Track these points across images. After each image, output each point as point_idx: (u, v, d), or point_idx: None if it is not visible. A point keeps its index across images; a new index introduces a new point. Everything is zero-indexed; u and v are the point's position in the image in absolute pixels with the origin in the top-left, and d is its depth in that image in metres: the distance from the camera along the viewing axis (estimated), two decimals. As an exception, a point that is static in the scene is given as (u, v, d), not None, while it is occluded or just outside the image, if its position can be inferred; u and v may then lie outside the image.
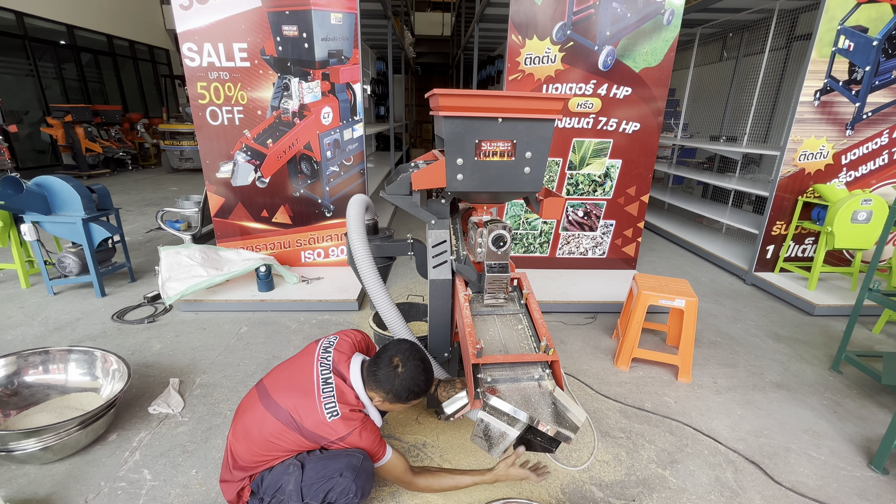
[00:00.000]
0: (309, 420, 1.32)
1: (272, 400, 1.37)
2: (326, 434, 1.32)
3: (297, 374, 1.42)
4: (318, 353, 1.46)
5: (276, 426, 1.32)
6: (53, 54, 9.03)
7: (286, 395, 1.36)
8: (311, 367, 1.41)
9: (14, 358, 1.89)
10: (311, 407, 1.33)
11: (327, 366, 1.41)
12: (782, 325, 3.02)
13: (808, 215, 3.48)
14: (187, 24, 2.90)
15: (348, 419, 1.32)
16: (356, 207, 1.76)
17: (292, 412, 1.32)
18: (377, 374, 1.37)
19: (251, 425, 1.36)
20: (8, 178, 2.86)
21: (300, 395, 1.35)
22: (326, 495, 1.28)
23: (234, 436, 1.39)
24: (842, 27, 3.04)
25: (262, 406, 1.37)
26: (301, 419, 1.32)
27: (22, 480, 1.63)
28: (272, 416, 1.34)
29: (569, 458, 1.81)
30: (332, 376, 1.38)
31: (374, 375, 1.37)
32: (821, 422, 2.07)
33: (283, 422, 1.32)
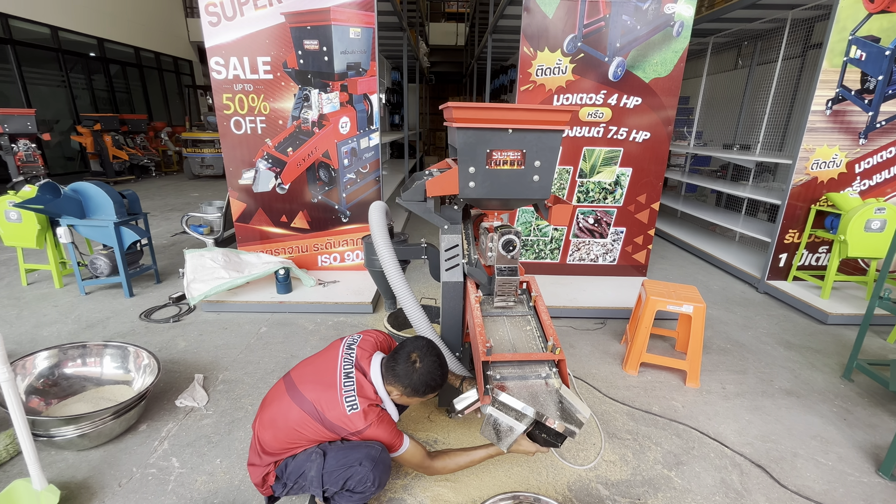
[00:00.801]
0: (330, 412, 1.40)
1: (298, 391, 1.46)
2: (345, 426, 1.40)
3: (322, 368, 1.51)
4: (343, 349, 1.55)
5: (300, 416, 1.41)
6: (84, 66, 9.46)
7: (311, 388, 1.45)
8: (336, 362, 1.50)
9: (56, 351, 2.02)
10: (333, 399, 1.41)
11: (350, 361, 1.50)
12: (794, 334, 3.02)
13: (821, 224, 3.48)
14: (215, 39, 3.06)
15: (366, 413, 1.40)
16: (378, 214, 1.83)
17: (316, 404, 1.41)
18: (396, 370, 1.45)
19: (278, 415, 1.45)
20: (47, 183, 3.05)
21: (324, 388, 1.43)
22: (345, 483, 1.36)
23: (261, 424, 1.48)
24: (853, 37, 3.06)
25: (289, 397, 1.46)
26: (323, 410, 1.40)
27: (61, 465, 1.75)
28: (297, 407, 1.43)
29: (576, 456, 1.86)
30: (354, 371, 1.47)
31: (393, 370, 1.45)
32: (830, 428, 2.08)
33: (308, 412, 1.41)
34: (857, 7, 2.99)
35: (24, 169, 6.37)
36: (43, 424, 1.68)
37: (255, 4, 3.02)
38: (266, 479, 1.46)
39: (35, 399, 1.89)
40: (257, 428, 1.49)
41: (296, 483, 1.42)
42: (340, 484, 1.37)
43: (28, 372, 1.91)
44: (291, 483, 1.43)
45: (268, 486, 1.48)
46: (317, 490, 1.39)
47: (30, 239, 3.26)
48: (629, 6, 3.04)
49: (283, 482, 1.45)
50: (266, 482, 1.47)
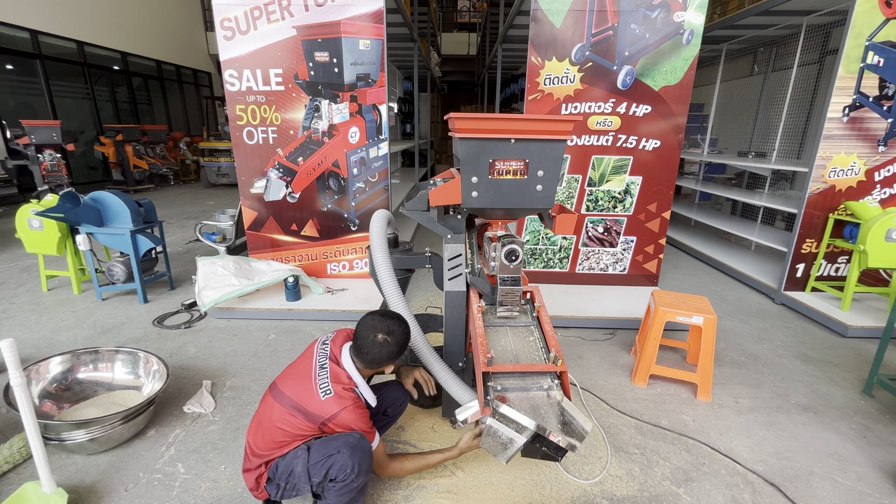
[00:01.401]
0: (308, 402, 1.45)
1: (279, 390, 1.52)
2: (321, 412, 1.44)
3: (299, 367, 1.57)
4: (317, 347, 1.61)
5: (281, 412, 1.46)
6: (108, 79, 9.80)
7: (290, 384, 1.51)
8: (312, 359, 1.56)
9: (69, 356, 2.08)
10: (309, 390, 1.47)
11: (325, 355, 1.56)
12: (812, 346, 2.93)
13: (840, 233, 3.38)
14: (230, 52, 3.15)
15: (340, 397, 1.45)
16: (379, 222, 1.87)
17: (294, 397, 1.47)
18: (358, 345, 1.52)
19: (263, 416, 1.51)
20: (68, 193, 3.15)
21: (301, 382, 1.50)
22: (328, 472, 1.39)
23: (250, 428, 1.54)
24: (870, 43, 3.00)
25: (271, 397, 1.52)
26: (301, 402, 1.45)
27: (71, 469, 1.78)
28: (278, 404, 1.48)
29: (581, 470, 1.82)
30: (328, 362, 1.53)
31: (358, 349, 1.52)
32: (848, 446, 2.01)
33: (288, 407, 1.46)
34: (873, 13, 2.93)
35: (49, 178, 6.61)
36: (55, 428, 1.72)
37: (269, 19, 3.10)
38: (259, 482, 1.49)
39: (48, 403, 1.94)
40: (248, 433, 1.54)
41: (287, 482, 1.45)
42: (323, 474, 1.40)
43: (42, 376, 1.97)
44: (283, 483, 1.45)
45: (262, 489, 1.50)
46: (305, 486, 1.43)
47: (51, 246, 3.37)
48: (637, 15, 3.03)
49: (275, 483, 1.47)
50: (259, 484, 1.49)
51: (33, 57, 8.00)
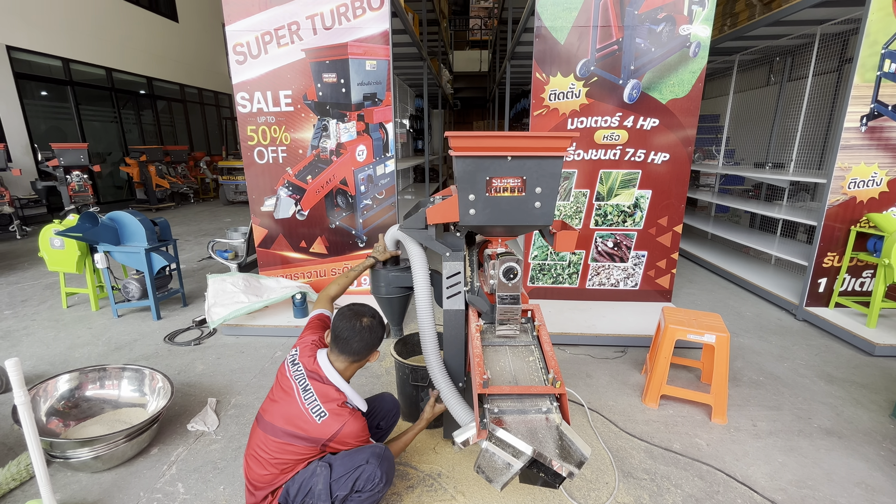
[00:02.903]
0: (304, 428, 1.45)
1: (267, 423, 1.50)
2: (321, 434, 1.44)
3: (280, 394, 1.54)
4: (289, 370, 1.57)
5: (277, 444, 1.46)
6: (134, 103, 10.25)
7: (277, 414, 1.49)
8: (290, 384, 1.53)
9: (77, 373, 2.12)
10: (300, 415, 1.46)
11: (301, 375, 1.53)
12: (836, 366, 2.79)
13: (863, 246, 3.24)
14: (242, 76, 3.25)
15: (336, 415, 1.45)
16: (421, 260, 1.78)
17: (286, 426, 1.46)
18: (344, 338, 1.52)
19: (257, 449, 1.50)
20: (87, 213, 3.26)
21: (288, 408, 1.48)
22: (354, 484, 1.41)
23: (246, 463, 1.53)
24: (886, 50, 2.91)
25: (262, 431, 1.51)
26: (297, 429, 1.45)
27: (75, 487, 1.80)
28: (272, 437, 1.47)
29: (586, 497, 1.75)
30: (309, 382, 1.51)
31: (344, 343, 1.53)
32: (876, 474, 1.88)
33: (282, 437, 1.45)
34: (888, 21, 2.86)
35: (76, 199, 6.89)
36: (60, 446, 1.75)
37: (279, 43, 3.20)
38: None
39: (55, 420, 1.97)
40: (245, 468, 1.53)
41: (301, 503, 1.44)
42: (350, 486, 1.41)
43: (50, 394, 2.01)
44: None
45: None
46: (324, 503, 1.41)
47: (71, 264, 3.48)
48: (642, 29, 3.02)
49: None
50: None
51: (65, 83, 8.44)
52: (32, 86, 7.92)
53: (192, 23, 11.81)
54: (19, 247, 5.94)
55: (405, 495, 1.76)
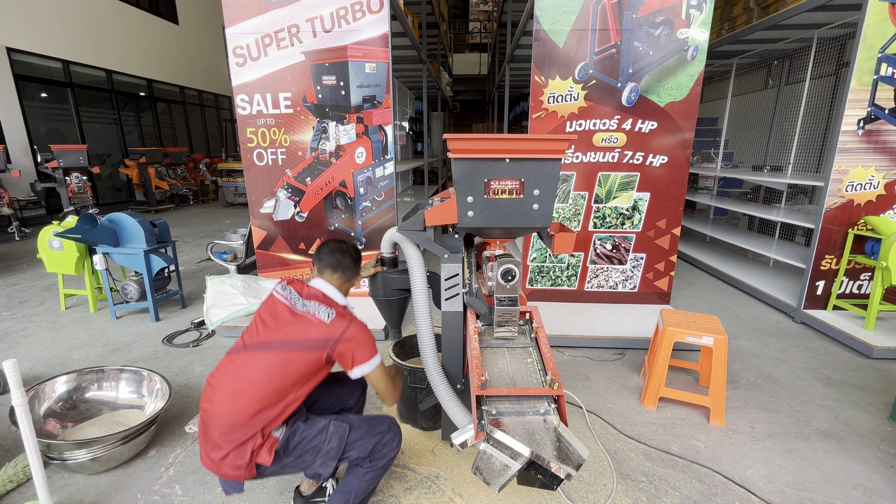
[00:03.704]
0: (309, 333, 1.40)
1: (260, 343, 1.41)
2: (330, 334, 1.39)
3: (271, 319, 1.46)
4: (280, 294, 1.52)
5: (280, 358, 1.37)
6: (134, 104, 10.26)
7: (274, 333, 1.41)
8: (283, 305, 1.48)
9: (75, 375, 2.12)
10: (305, 322, 1.41)
11: (296, 296, 1.50)
12: (834, 368, 2.79)
13: (860, 249, 3.25)
14: (241, 78, 3.26)
15: (343, 315, 1.45)
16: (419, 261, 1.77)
17: (290, 336, 1.39)
18: (335, 262, 1.56)
19: (238, 379, 1.36)
20: (86, 215, 3.26)
21: (287, 323, 1.42)
22: (374, 448, 1.46)
23: (214, 404, 1.36)
24: (882, 55, 2.93)
25: (247, 353, 1.40)
26: (302, 336, 1.39)
27: (72, 488, 1.80)
28: (264, 353, 1.38)
29: (584, 499, 1.75)
30: (308, 300, 1.48)
31: (335, 266, 1.57)
32: (874, 477, 1.88)
33: (287, 350, 1.38)
34: (884, 25, 2.88)
35: (75, 200, 6.89)
36: (57, 448, 1.74)
37: (279, 45, 3.21)
38: (253, 457, 1.34)
39: (52, 422, 1.97)
40: (216, 418, 1.35)
41: (299, 458, 1.40)
42: (369, 450, 1.44)
43: (48, 396, 2.00)
44: (292, 459, 1.40)
45: (251, 467, 1.35)
46: (327, 466, 1.40)
47: (69, 266, 3.48)
48: (641, 33, 3.03)
49: (282, 461, 1.39)
50: (251, 461, 1.34)
51: (65, 85, 8.45)
52: (32, 87, 7.93)
53: (192, 25, 11.83)
54: (18, 248, 5.94)
55: (403, 497, 1.76)
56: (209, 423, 1.37)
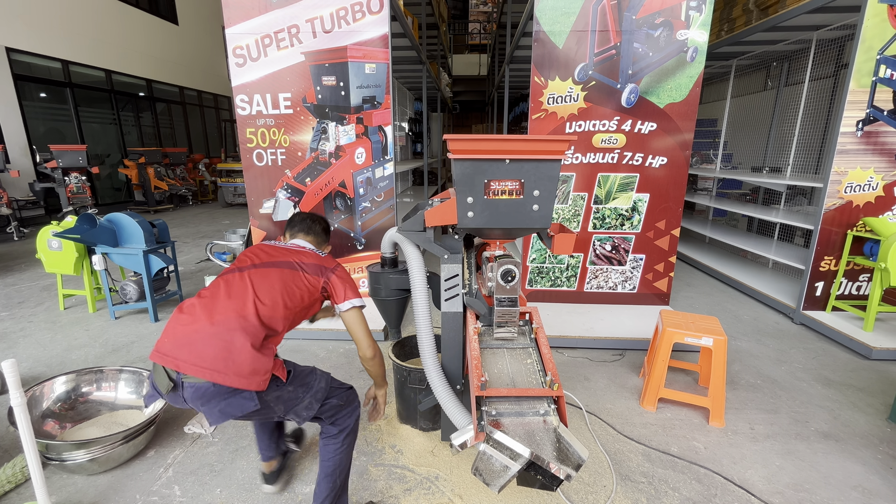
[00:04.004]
0: (308, 258, 1.58)
1: (263, 262, 1.52)
2: (326, 264, 1.59)
3: (264, 252, 1.59)
4: (261, 243, 1.67)
5: (285, 273, 1.50)
6: (133, 105, 10.25)
7: (278, 256, 1.56)
8: (268, 246, 1.63)
9: (74, 375, 2.11)
10: (301, 252, 1.61)
11: (279, 242, 1.69)
12: (834, 369, 2.79)
13: (859, 250, 3.26)
14: (241, 78, 3.26)
15: (330, 257, 1.66)
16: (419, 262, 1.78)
17: (294, 259, 1.55)
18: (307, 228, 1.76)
19: (263, 289, 1.43)
20: (85, 215, 3.26)
21: (286, 253, 1.58)
22: (347, 398, 1.57)
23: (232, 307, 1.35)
24: (881, 56, 2.94)
25: (262, 270, 1.48)
26: (302, 259, 1.56)
27: (70, 489, 1.79)
28: (278, 270, 1.50)
29: (584, 500, 1.75)
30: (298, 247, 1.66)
31: (307, 230, 1.76)
32: (873, 478, 1.88)
33: (290, 268, 1.52)
34: (883, 26, 2.88)
35: (74, 200, 6.88)
36: (56, 448, 1.74)
37: (278, 46, 3.21)
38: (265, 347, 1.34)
39: (51, 422, 1.96)
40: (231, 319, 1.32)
41: (296, 389, 1.43)
42: (346, 399, 1.54)
43: (46, 396, 2.00)
44: (292, 389, 1.41)
45: (268, 376, 1.31)
46: (311, 407, 1.44)
47: (68, 266, 3.48)
48: (640, 34, 3.04)
49: (285, 388, 1.40)
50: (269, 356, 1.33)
51: (64, 85, 8.44)
52: (31, 87, 7.93)
53: (191, 25, 11.83)
54: (17, 248, 5.93)
55: (402, 498, 1.76)
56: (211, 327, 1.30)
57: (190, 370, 1.25)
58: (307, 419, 1.46)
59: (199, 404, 1.29)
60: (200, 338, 1.28)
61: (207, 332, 1.29)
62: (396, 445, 2.06)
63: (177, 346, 1.28)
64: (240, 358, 1.27)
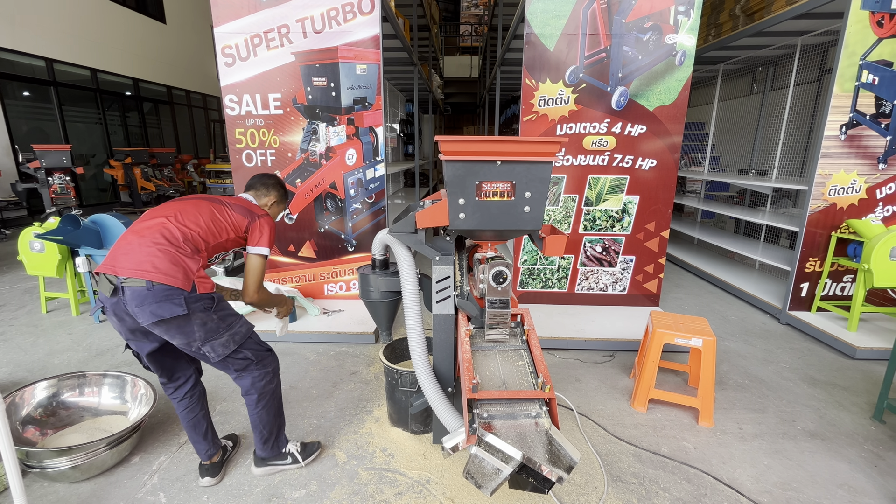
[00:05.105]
0: (240, 202, 1.77)
1: (202, 197, 1.72)
2: (256, 211, 1.76)
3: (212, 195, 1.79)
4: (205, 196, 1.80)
5: (219, 208, 1.68)
6: (120, 104, 10.09)
7: (213, 197, 1.74)
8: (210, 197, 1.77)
9: (55, 381, 2.06)
10: (237, 198, 1.81)
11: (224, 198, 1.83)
12: (819, 369, 2.84)
13: (843, 251, 3.32)
14: (230, 78, 3.22)
15: (257, 206, 1.82)
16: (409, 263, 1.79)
17: (226, 199, 1.75)
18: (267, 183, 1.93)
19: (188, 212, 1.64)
20: (68, 216, 3.19)
21: (223, 197, 1.77)
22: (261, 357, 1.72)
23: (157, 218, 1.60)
24: (864, 62, 3.00)
25: (194, 201, 1.69)
26: (234, 201, 1.75)
27: (52, 497, 1.74)
28: (209, 202, 1.69)
29: (576, 501, 1.75)
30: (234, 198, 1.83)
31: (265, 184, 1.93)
32: (858, 476, 1.91)
33: (224, 204, 1.71)
34: (865, 33, 2.95)
35: (58, 201, 6.73)
36: (36, 456, 1.69)
37: (268, 46, 3.18)
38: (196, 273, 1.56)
39: (31, 429, 1.91)
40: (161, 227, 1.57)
41: (217, 322, 1.57)
42: (259, 357, 1.70)
43: (27, 402, 1.94)
44: (216, 319, 1.57)
45: (189, 279, 1.53)
46: (228, 346, 1.59)
47: (51, 268, 3.40)
48: (630, 38, 3.07)
49: (209, 315, 1.56)
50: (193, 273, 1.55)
51: (48, 84, 8.28)
52: (14, 86, 7.76)
53: (179, 24, 11.69)
54: (-3, 250, 5.78)
55: (394, 502, 1.74)
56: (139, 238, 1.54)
57: (125, 272, 1.49)
58: (220, 357, 1.60)
59: (135, 305, 1.48)
60: (132, 248, 1.54)
61: (136, 242, 1.54)
62: (387, 449, 2.04)
63: (114, 257, 1.54)
64: (164, 258, 1.51)
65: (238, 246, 1.77)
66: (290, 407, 2.35)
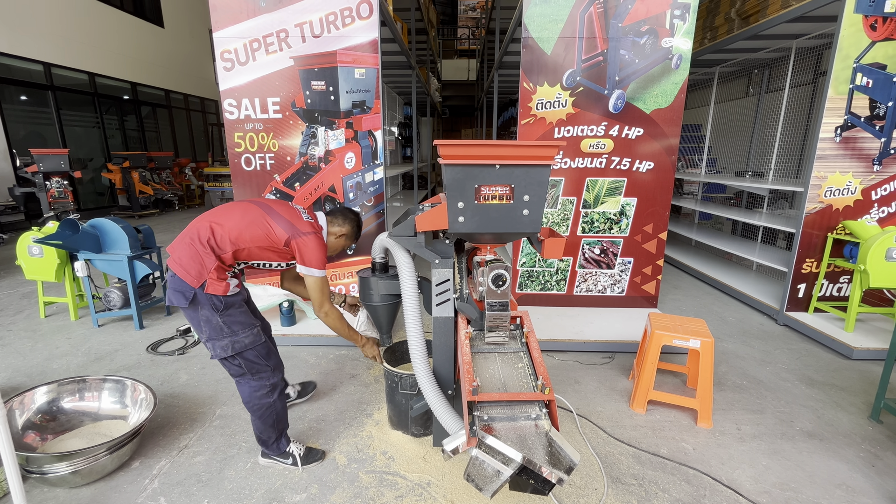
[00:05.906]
0: (285, 215, 1.80)
1: (266, 204, 1.83)
2: (298, 227, 1.78)
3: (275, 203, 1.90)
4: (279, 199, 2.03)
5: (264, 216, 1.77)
6: (118, 108, 10.08)
7: (277, 205, 1.84)
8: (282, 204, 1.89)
9: (55, 385, 2.06)
10: (290, 211, 1.84)
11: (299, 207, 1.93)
12: (816, 369, 2.86)
13: (839, 252, 3.34)
14: (229, 82, 3.23)
15: (314, 227, 1.83)
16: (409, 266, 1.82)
17: (276, 209, 1.82)
18: (346, 214, 2.01)
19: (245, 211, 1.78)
20: (67, 220, 3.19)
21: (285, 206, 1.87)
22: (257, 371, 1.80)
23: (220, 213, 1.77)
24: (858, 65, 3.03)
25: (256, 205, 1.82)
26: (283, 213, 1.81)
27: (52, 503, 1.74)
28: (256, 206, 1.79)
29: (576, 503, 1.76)
30: (304, 209, 1.91)
31: (343, 214, 2.01)
32: (856, 476, 1.92)
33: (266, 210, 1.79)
34: (859, 36, 2.98)
35: (55, 205, 6.73)
36: (36, 461, 1.69)
37: (267, 50, 3.19)
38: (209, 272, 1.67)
39: (31, 434, 1.91)
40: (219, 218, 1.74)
41: (223, 321, 1.70)
42: (254, 370, 1.78)
43: (27, 407, 1.94)
44: (221, 320, 1.69)
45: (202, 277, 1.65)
46: (226, 349, 1.69)
47: (49, 273, 3.40)
48: (626, 41, 3.09)
49: (218, 314, 1.69)
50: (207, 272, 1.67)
51: (46, 88, 8.27)
52: (12, 90, 7.75)
53: (177, 28, 11.70)
54: (-5, 255, 5.77)
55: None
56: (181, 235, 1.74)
57: (169, 263, 1.72)
58: (217, 357, 1.71)
59: (165, 287, 1.75)
60: (180, 237, 1.74)
61: (183, 233, 1.75)
62: (388, 451, 2.05)
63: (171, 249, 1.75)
64: (187, 252, 1.67)
65: (281, 259, 1.83)
66: (290, 410, 2.35)
